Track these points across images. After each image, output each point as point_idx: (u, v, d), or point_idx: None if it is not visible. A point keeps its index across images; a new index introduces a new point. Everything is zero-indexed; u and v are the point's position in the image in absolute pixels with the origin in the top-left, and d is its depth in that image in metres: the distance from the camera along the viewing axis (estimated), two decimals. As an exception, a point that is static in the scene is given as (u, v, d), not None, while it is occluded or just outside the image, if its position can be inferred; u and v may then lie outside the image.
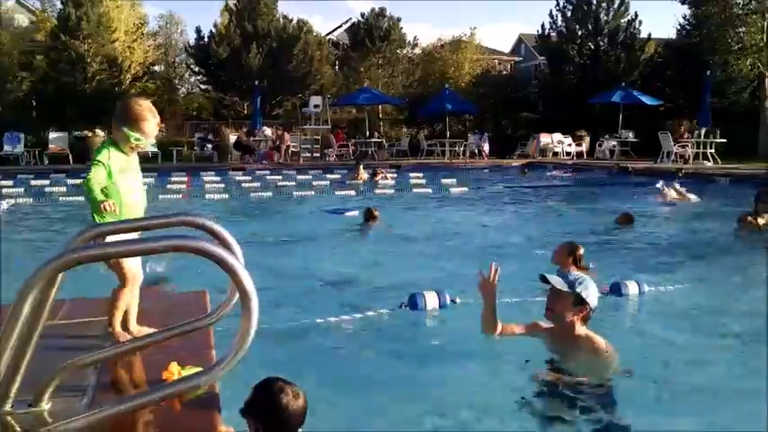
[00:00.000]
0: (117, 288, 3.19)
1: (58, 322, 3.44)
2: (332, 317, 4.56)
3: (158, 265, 5.66)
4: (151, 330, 3.28)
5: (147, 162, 21.81)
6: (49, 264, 1.73)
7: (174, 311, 3.55)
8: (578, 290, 3.52)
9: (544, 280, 3.64)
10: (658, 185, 12.61)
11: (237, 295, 1.81)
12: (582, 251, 6.04)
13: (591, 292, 3.56)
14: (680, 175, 18.27)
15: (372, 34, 33.06)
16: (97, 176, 3.05)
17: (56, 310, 3.55)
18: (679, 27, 29.99)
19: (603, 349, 3.56)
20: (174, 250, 1.86)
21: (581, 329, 3.58)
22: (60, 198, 12.85)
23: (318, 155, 24.69)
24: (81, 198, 12.74)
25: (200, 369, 2.40)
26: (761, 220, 8.65)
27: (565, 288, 3.53)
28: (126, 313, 3.23)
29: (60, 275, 1.91)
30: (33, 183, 15.79)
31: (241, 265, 1.83)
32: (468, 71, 34.62)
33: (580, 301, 3.53)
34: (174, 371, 2.55)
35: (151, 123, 3.21)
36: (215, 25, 30.83)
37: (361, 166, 17.53)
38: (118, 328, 3.19)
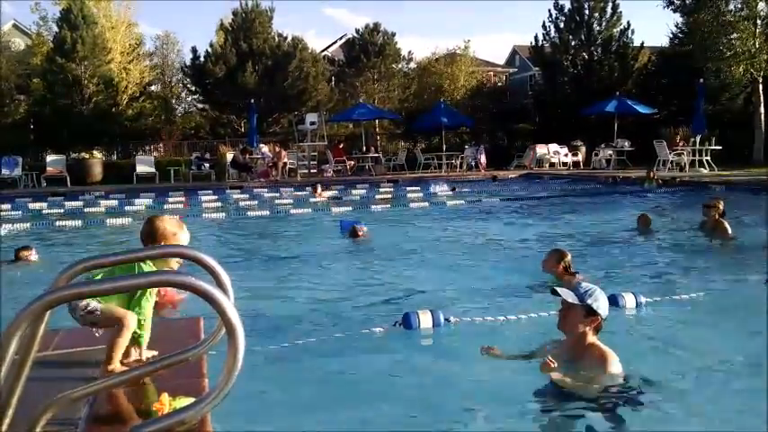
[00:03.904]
0: (116, 334, 3.04)
1: (50, 353, 3.44)
2: (325, 336, 4.56)
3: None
4: (152, 353, 3.27)
5: (144, 182, 21.91)
6: (33, 304, 1.73)
7: (167, 339, 3.55)
8: (589, 302, 3.57)
9: (554, 293, 3.70)
10: None
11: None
12: (570, 257, 6.19)
13: (601, 303, 3.61)
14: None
15: (367, 49, 33.24)
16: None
17: (49, 341, 3.55)
18: (672, 35, 30.26)
19: (611, 360, 3.57)
20: (160, 286, 1.87)
21: (592, 339, 3.62)
22: (57, 222, 12.84)
23: (316, 171, 24.77)
24: (79, 222, 12.82)
25: (190, 400, 2.40)
26: None
27: (575, 301, 3.57)
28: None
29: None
30: (31, 206, 15.82)
31: (227, 300, 1.84)
32: (463, 84, 34.79)
33: (591, 312, 3.57)
34: (166, 402, 2.55)
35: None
36: (211, 44, 31.01)
37: (320, 186, 17.67)
38: (117, 365, 3.11)
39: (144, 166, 23.39)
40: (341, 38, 40.70)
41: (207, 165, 23.85)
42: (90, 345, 3.57)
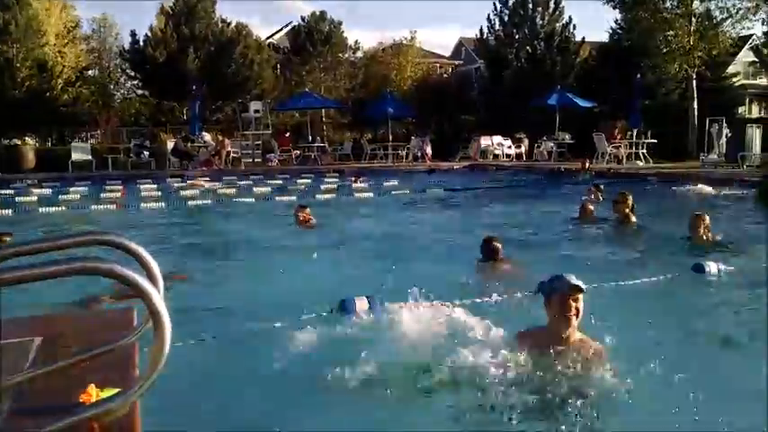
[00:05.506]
0: None
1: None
2: (263, 323, 4.51)
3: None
4: None
5: (81, 170, 21.18)
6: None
7: (98, 330, 3.45)
8: (571, 281, 3.56)
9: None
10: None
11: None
12: (497, 243, 6.43)
13: (571, 275, 3.63)
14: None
15: (313, 38, 32.95)
16: None
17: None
18: (611, 31, 31.06)
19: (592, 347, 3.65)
20: (81, 273, 1.80)
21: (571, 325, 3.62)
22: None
23: (260, 160, 24.48)
24: (8, 211, 12.30)
25: (119, 390, 2.33)
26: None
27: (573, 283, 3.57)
28: None
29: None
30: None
31: (153, 288, 1.78)
32: (410, 74, 34.90)
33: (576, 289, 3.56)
34: (93, 393, 2.47)
35: None
36: (151, 29, 30.13)
37: (197, 180, 18.03)
38: None
39: (80, 153, 22.59)
40: (286, 25, 40.16)
41: (147, 152, 23.23)
42: (14, 336, 3.44)
